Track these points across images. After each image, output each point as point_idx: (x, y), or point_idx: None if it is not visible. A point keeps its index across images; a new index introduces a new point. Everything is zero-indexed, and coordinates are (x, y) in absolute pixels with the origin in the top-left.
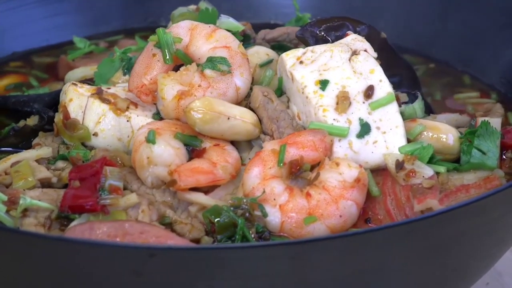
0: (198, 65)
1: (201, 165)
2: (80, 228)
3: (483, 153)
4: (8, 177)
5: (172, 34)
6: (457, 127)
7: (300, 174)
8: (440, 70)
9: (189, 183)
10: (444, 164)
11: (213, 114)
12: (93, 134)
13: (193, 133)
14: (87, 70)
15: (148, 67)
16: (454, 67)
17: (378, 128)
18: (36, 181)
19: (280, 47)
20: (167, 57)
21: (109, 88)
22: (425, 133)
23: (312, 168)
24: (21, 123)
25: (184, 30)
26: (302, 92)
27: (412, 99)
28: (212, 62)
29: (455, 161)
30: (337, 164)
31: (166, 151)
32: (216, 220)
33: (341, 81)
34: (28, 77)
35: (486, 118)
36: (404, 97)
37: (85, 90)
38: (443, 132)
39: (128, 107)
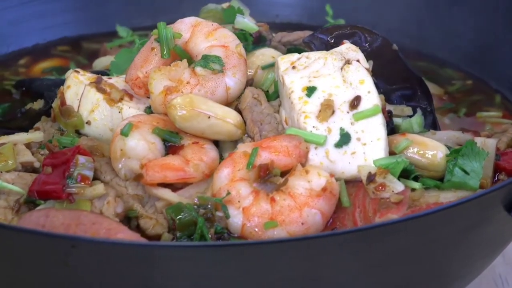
0: (193, 62)
1: (172, 162)
2: (37, 214)
3: (466, 172)
4: None
5: (172, 29)
6: (458, 145)
7: (269, 178)
8: (475, 87)
9: (156, 178)
10: (426, 181)
11: (193, 111)
12: (86, 123)
13: (175, 129)
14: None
15: (145, 60)
16: (489, 85)
17: (358, 139)
18: (18, 164)
19: (296, 50)
20: (165, 52)
21: (110, 78)
22: (411, 148)
23: (285, 173)
24: (28, 106)
25: (187, 26)
26: (289, 97)
27: (421, 114)
28: (206, 60)
29: (441, 179)
30: (307, 172)
31: (140, 145)
32: (177, 217)
33: (329, 89)
34: (70, 62)
35: (482, 138)
36: (409, 110)
37: (86, 78)
38: (430, 148)
39: (122, 99)
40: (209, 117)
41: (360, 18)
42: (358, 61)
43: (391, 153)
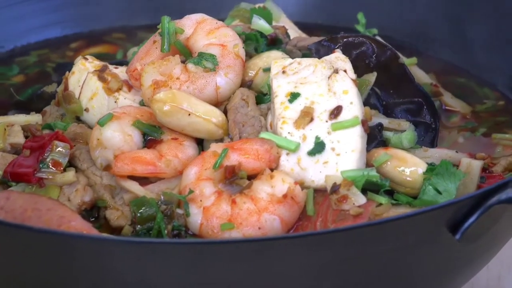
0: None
1: (145, 155)
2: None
3: (439, 192)
4: None
5: (175, 24)
6: (453, 164)
7: (234, 180)
8: (505, 108)
9: (124, 170)
10: (399, 197)
11: (174, 107)
12: (85, 110)
13: (158, 124)
14: None
15: (146, 53)
16: None
17: (333, 149)
18: (7, 145)
19: (311, 55)
20: (164, 46)
21: (116, 68)
22: (389, 162)
23: (254, 177)
24: (43, 88)
25: (192, 22)
26: (273, 101)
27: (425, 129)
28: (200, 57)
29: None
30: (271, 177)
31: (116, 136)
32: (138, 211)
33: (312, 97)
34: (118, 49)
35: (468, 160)
36: (406, 125)
37: (92, 66)
38: (409, 165)
39: (120, 89)
40: (189, 114)
41: (408, 30)
42: (345, 71)
43: (370, 166)
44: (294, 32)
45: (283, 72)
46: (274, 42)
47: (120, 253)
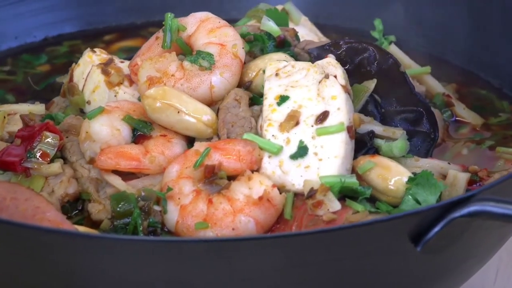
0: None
1: (130, 150)
2: None
3: (418, 202)
4: None
5: (179, 21)
6: (443, 175)
7: (214, 180)
8: None
9: (107, 164)
10: (380, 205)
11: (163, 104)
12: (87, 102)
13: (149, 120)
14: None
15: (148, 49)
16: None
17: (316, 154)
18: (4, 133)
19: (311, 60)
20: (166, 43)
21: (122, 62)
22: (373, 170)
23: (235, 178)
24: (56, 79)
25: (195, 20)
26: (263, 103)
27: (423, 139)
28: (197, 55)
29: None
30: (249, 179)
31: (103, 130)
32: (117, 206)
33: (300, 101)
34: None
35: (455, 172)
36: (400, 133)
37: (99, 58)
38: (392, 174)
39: (121, 83)
40: (178, 112)
41: (431, 36)
42: (335, 76)
43: (355, 173)
44: (314, 36)
45: (276, 74)
46: (282, 44)
47: (82, 247)
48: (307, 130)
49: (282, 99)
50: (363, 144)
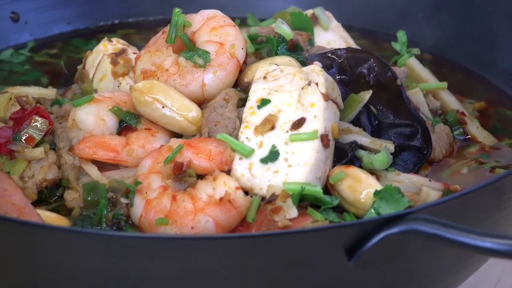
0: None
1: (109, 141)
2: None
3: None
4: None
5: (186, 17)
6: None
7: (182, 177)
8: None
9: (85, 152)
10: (346, 216)
11: (148, 98)
12: (94, 90)
13: (138, 113)
14: None
15: (154, 42)
16: None
17: (286, 159)
18: (8, 115)
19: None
20: (170, 37)
21: (135, 53)
22: (344, 181)
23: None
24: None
25: (202, 17)
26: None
27: (414, 154)
28: (194, 52)
29: None
30: (215, 179)
31: (88, 119)
32: (88, 195)
33: (280, 106)
34: None
35: (427, 189)
36: (390, 147)
37: (113, 48)
38: (362, 186)
39: (126, 74)
40: (163, 107)
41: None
42: (317, 84)
43: (327, 183)
44: (342, 42)
45: (265, 77)
46: (294, 48)
47: (33, 236)
48: (281, 135)
49: (263, 102)
50: (344, 154)
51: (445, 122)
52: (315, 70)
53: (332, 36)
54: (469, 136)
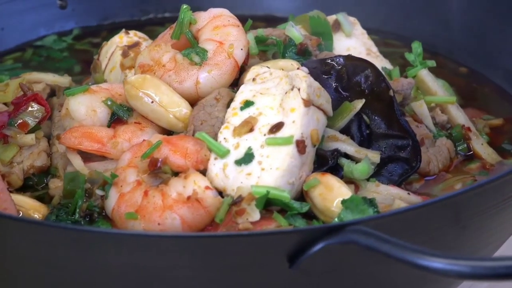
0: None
1: (96, 132)
2: None
3: None
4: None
5: (193, 15)
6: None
7: (157, 173)
8: None
9: (70, 142)
10: (315, 223)
11: (138, 92)
12: (104, 81)
13: (131, 106)
14: None
15: (161, 38)
16: None
17: (260, 162)
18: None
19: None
20: (175, 33)
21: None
22: (317, 188)
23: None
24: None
25: (209, 16)
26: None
27: (402, 165)
28: (192, 50)
29: None
30: (186, 177)
31: (79, 109)
32: (67, 185)
33: (262, 109)
34: None
35: (400, 201)
36: (375, 157)
37: (128, 40)
38: (332, 195)
39: (133, 66)
40: (152, 102)
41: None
42: (299, 89)
43: (301, 190)
44: (363, 49)
45: (253, 79)
46: (303, 52)
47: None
48: (259, 138)
49: (247, 104)
50: (325, 162)
51: (450, 136)
52: (299, 75)
53: (353, 43)
54: (471, 152)
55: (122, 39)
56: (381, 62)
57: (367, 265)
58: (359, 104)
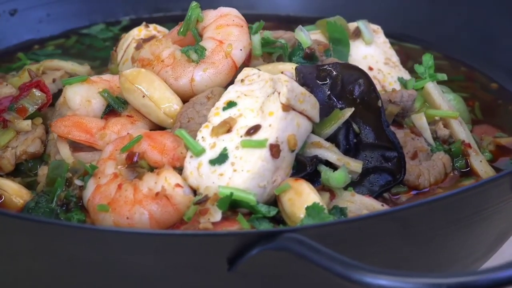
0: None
1: (87, 123)
2: None
3: None
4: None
5: (201, 12)
6: None
7: (134, 167)
8: None
9: (60, 131)
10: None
11: (131, 85)
12: (119, 72)
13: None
14: None
15: (170, 33)
16: None
17: (233, 164)
18: None
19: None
20: (181, 30)
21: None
22: (287, 193)
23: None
24: None
25: (216, 14)
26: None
27: (384, 176)
28: (191, 47)
29: None
30: (158, 173)
31: (75, 98)
32: (50, 172)
33: (243, 110)
34: None
35: (370, 212)
36: (357, 166)
37: (145, 34)
38: (300, 201)
39: None
40: (143, 96)
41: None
42: (279, 93)
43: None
44: (382, 59)
45: (242, 80)
46: (310, 57)
47: None
48: (235, 139)
49: (229, 105)
50: (303, 168)
51: (449, 151)
52: (281, 79)
53: (372, 51)
54: (469, 169)
55: (140, 32)
56: (398, 72)
57: (304, 273)
58: (348, 112)
